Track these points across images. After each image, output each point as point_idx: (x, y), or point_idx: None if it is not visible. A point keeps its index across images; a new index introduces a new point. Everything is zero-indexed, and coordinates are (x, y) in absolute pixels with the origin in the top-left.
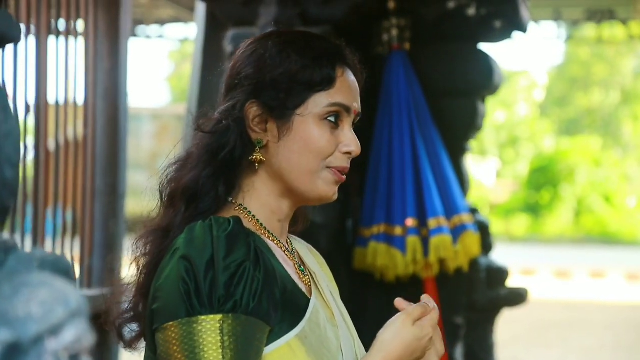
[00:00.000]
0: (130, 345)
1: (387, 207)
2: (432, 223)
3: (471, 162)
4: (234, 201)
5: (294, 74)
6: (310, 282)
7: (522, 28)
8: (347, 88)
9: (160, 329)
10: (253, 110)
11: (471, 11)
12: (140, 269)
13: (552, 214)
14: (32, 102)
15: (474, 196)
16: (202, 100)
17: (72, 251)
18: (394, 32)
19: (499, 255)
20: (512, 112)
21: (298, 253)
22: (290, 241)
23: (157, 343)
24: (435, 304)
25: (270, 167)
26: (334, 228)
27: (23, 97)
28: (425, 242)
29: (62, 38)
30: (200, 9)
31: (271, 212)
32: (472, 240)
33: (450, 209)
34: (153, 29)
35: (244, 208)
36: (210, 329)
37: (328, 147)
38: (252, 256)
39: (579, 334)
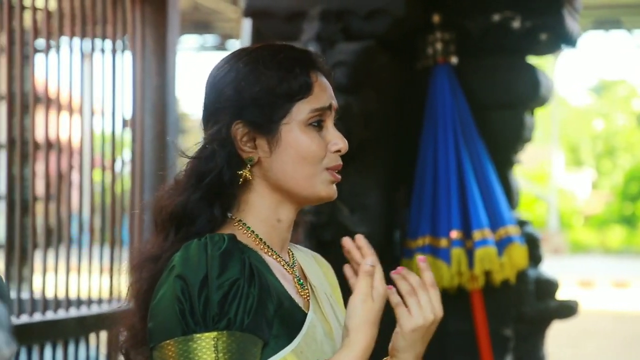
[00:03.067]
0: None
1: (432, 219)
2: (476, 235)
3: (565, 173)
4: (233, 217)
5: (272, 88)
6: (309, 296)
7: (570, 41)
8: (323, 90)
9: (157, 348)
10: (240, 131)
11: (516, 24)
12: (136, 295)
13: None
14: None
15: (567, 207)
16: None
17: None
18: (439, 45)
19: (593, 267)
20: (610, 122)
21: (300, 266)
22: (292, 253)
23: None
24: (374, 259)
25: (267, 181)
26: (378, 240)
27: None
28: (470, 254)
29: (109, 55)
30: (247, 25)
31: (271, 227)
32: (518, 252)
33: (496, 221)
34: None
35: (243, 224)
36: (205, 347)
37: (319, 150)
38: (246, 273)
39: None
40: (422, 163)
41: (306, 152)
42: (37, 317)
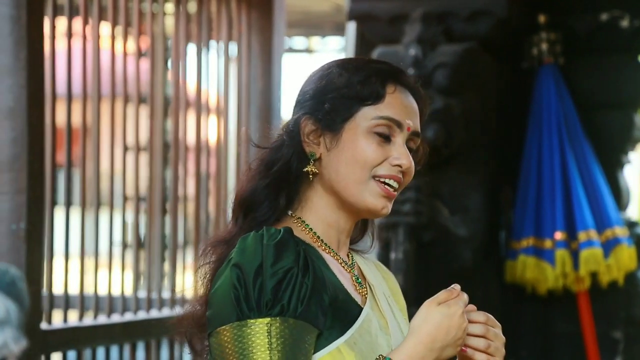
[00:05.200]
0: (201, 354)
1: (536, 220)
2: (582, 236)
3: None
4: (293, 214)
5: (343, 88)
6: (367, 293)
7: None
8: (398, 105)
9: (214, 334)
10: (308, 125)
11: (624, 23)
12: (203, 279)
13: None
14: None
15: None
16: None
17: None
18: (544, 46)
19: None
20: None
21: (359, 267)
22: (351, 255)
23: (211, 347)
24: (461, 290)
25: (323, 180)
26: (480, 241)
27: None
28: (575, 256)
29: (215, 60)
30: (351, 28)
31: (328, 225)
32: (626, 254)
33: (602, 223)
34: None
35: (302, 221)
36: (259, 332)
37: (374, 157)
38: (300, 263)
39: None
40: (526, 164)
41: (360, 155)
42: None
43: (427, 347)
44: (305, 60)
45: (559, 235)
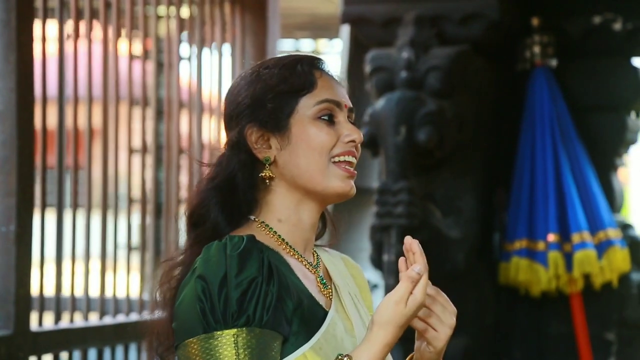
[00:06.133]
0: None
1: (529, 222)
2: (575, 238)
3: None
4: (256, 219)
5: (275, 86)
6: (332, 294)
7: None
8: (330, 86)
9: (181, 346)
10: (253, 132)
11: (617, 26)
12: (164, 299)
13: None
14: None
15: None
16: None
17: None
18: (537, 48)
19: None
20: None
21: (325, 267)
22: (317, 255)
23: (179, 359)
24: (422, 268)
25: (284, 179)
26: (473, 243)
27: None
28: (568, 258)
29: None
30: (345, 31)
31: (292, 226)
32: (619, 255)
33: (595, 224)
34: None
35: (266, 225)
36: (226, 343)
37: (328, 140)
38: (264, 271)
39: None
40: (519, 166)
41: (315, 142)
42: None
43: (391, 347)
44: None
45: (551, 237)
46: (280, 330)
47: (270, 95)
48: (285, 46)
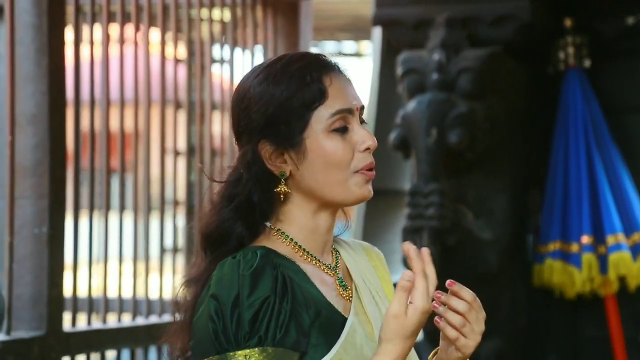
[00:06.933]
0: None
1: (562, 224)
2: (610, 240)
3: None
4: (272, 226)
5: (286, 102)
6: (351, 296)
7: None
8: (341, 92)
9: None
10: (267, 149)
11: None
12: (184, 315)
13: None
14: None
15: None
16: (378, 126)
17: None
18: (570, 49)
19: None
20: None
21: (345, 265)
22: (336, 253)
23: None
24: (409, 275)
25: (302, 192)
26: (505, 245)
27: None
28: (602, 260)
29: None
30: (376, 33)
31: (310, 232)
32: None
33: (630, 226)
34: None
35: (282, 232)
36: None
37: (345, 155)
38: (278, 288)
39: None
40: (553, 167)
41: (332, 158)
42: None
43: (401, 357)
44: (355, 64)
45: (585, 239)
46: (297, 347)
47: (280, 112)
48: (327, 48)
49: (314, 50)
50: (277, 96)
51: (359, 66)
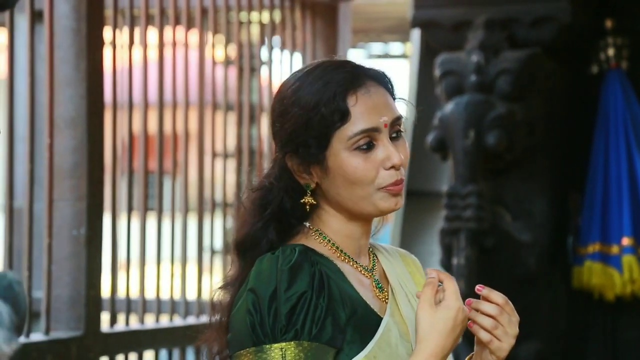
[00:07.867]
0: None
1: (602, 226)
2: None
3: None
4: (311, 226)
5: (309, 120)
6: (387, 299)
7: None
8: (366, 110)
9: (234, 357)
10: (293, 162)
11: None
12: (222, 315)
13: None
14: None
15: None
16: (415, 128)
17: None
18: (611, 51)
19: None
20: None
21: (382, 268)
22: (373, 256)
23: None
24: (433, 272)
25: (330, 201)
26: (544, 247)
27: None
28: None
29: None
30: (415, 35)
31: (345, 237)
32: None
33: None
34: None
35: (320, 233)
36: (274, 357)
37: (366, 174)
38: (315, 284)
39: None
40: (593, 169)
41: (353, 177)
42: None
43: (439, 356)
44: (402, 65)
45: (626, 241)
46: (333, 343)
47: (302, 131)
48: (374, 50)
49: (355, 54)
50: (300, 115)
51: (405, 68)
